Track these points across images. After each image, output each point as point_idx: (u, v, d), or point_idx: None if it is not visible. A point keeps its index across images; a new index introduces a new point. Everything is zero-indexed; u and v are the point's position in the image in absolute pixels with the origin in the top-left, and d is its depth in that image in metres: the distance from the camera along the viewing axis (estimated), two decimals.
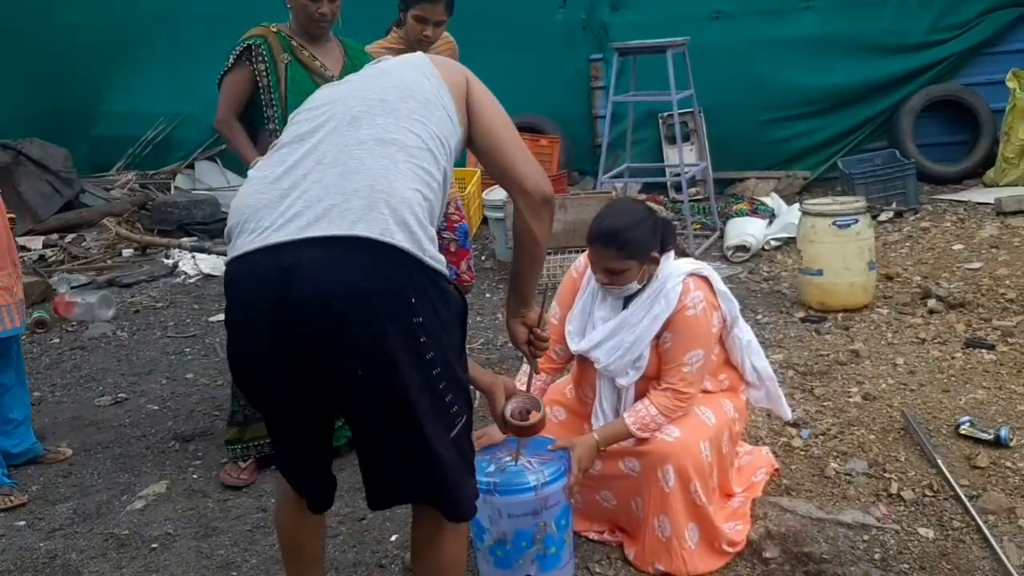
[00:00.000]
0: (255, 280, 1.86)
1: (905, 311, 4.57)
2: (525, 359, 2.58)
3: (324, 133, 1.98)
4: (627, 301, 2.76)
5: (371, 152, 1.94)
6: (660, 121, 7.48)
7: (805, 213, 4.77)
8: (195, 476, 3.50)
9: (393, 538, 3.00)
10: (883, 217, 6.16)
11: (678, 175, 6.67)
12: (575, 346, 2.81)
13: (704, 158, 6.98)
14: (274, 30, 3.31)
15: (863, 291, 4.67)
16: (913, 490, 2.96)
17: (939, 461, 3.05)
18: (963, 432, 3.23)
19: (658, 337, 2.71)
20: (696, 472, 2.66)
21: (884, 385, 3.72)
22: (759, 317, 4.71)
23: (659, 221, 2.76)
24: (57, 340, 5.23)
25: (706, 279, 2.74)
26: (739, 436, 2.98)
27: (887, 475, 3.07)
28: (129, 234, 6.97)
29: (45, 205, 7.56)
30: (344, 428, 3.44)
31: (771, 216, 6.35)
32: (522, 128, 7.41)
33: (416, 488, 2.03)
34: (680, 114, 7.04)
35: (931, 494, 2.94)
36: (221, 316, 5.37)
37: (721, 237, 6.16)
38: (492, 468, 2.60)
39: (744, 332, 2.91)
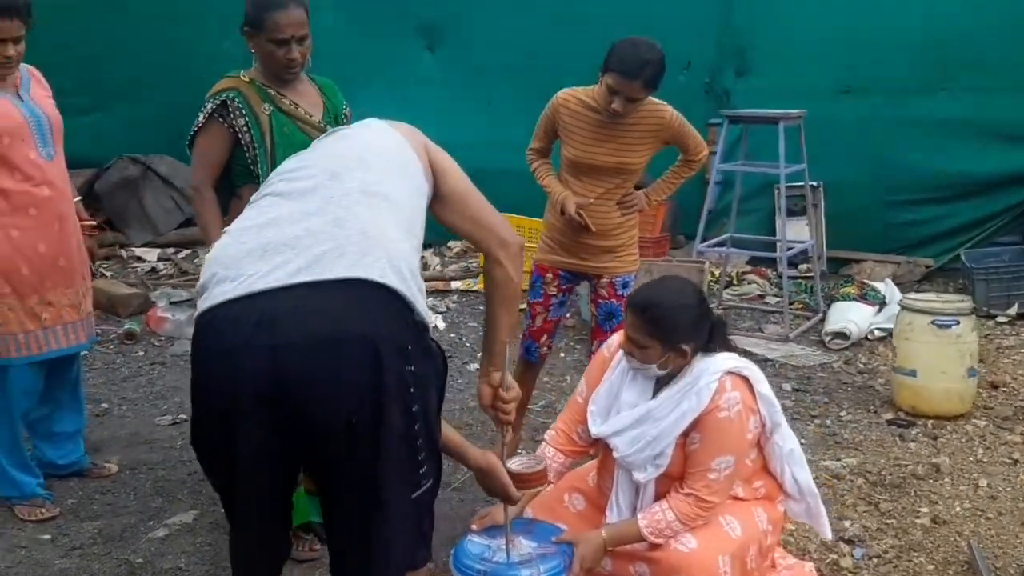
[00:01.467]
0: (236, 327, 1.79)
1: (1004, 425, 4.17)
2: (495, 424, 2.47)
3: (306, 187, 1.95)
4: (657, 388, 2.59)
5: (358, 203, 1.93)
6: (776, 192, 7.19)
7: (904, 308, 4.44)
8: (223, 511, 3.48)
9: None
10: (1001, 318, 5.70)
11: (789, 249, 6.42)
12: (596, 429, 2.65)
13: (814, 234, 6.65)
14: (246, 79, 2.97)
15: (959, 399, 4.29)
16: None
17: None
18: None
19: (686, 435, 2.52)
20: None
21: (958, 508, 3.38)
22: (842, 414, 4.40)
23: (707, 315, 2.58)
24: (142, 353, 5.39)
25: (746, 379, 2.54)
26: (771, 549, 2.73)
27: None
28: None
29: (166, 219, 7.89)
30: None
31: (881, 303, 5.97)
32: None
33: (350, 540, 1.93)
34: (797, 187, 6.80)
35: None
36: None
37: (823, 320, 5.83)
38: (487, 555, 2.46)
39: (787, 440, 2.68)
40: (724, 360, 2.54)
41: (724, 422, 2.47)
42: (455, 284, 6.75)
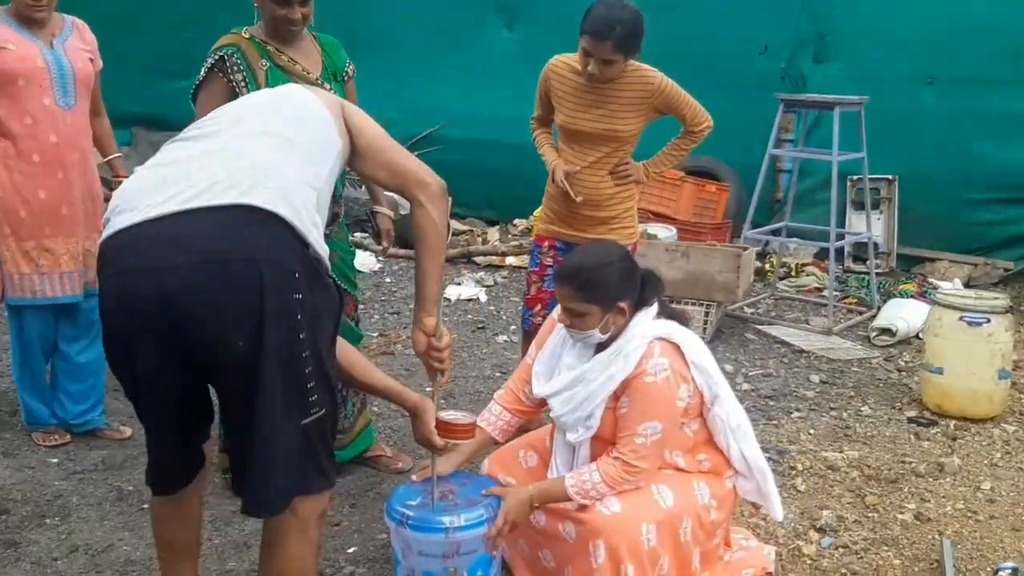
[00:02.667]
0: (131, 253, 1.88)
1: None
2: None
3: (210, 131, 2.04)
4: (597, 351, 2.58)
5: (256, 141, 2.02)
6: (849, 184, 6.96)
7: (935, 302, 4.26)
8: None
9: (351, 550, 2.98)
10: None
11: (863, 242, 6.22)
12: (538, 389, 2.67)
13: (884, 229, 6.42)
14: (246, 36, 3.05)
15: (988, 400, 4.09)
16: None
17: None
18: None
19: (617, 399, 2.51)
20: (631, 555, 2.43)
21: (949, 508, 3.24)
22: (864, 408, 4.25)
23: (633, 269, 2.57)
24: None
25: (677, 346, 2.51)
26: (717, 526, 2.68)
27: None
28: None
29: None
30: (353, 445, 3.48)
31: None
32: (694, 172, 7.19)
33: (238, 457, 2.01)
34: (874, 180, 6.56)
35: None
36: None
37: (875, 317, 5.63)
38: (416, 501, 2.52)
39: (732, 414, 2.63)
40: (656, 326, 2.52)
41: (651, 387, 2.45)
42: (510, 260, 6.80)
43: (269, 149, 2.00)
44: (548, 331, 2.75)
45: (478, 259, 6.83)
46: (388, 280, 6.35)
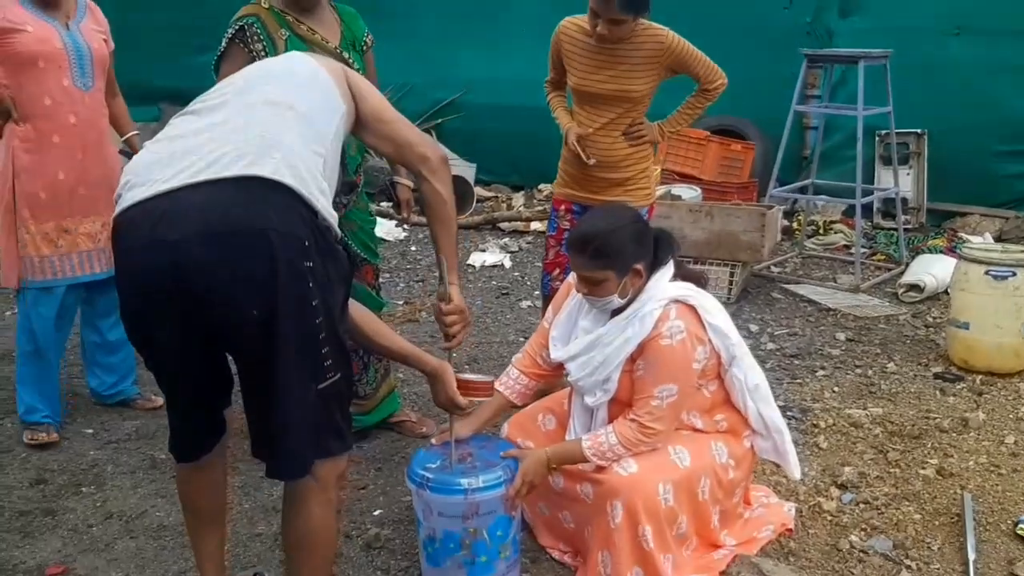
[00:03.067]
0: (144, 227, 1.91)
1: None
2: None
3: (215, 103, 2.06)
4: (614, 315, 2.60)
5: (260, 111, 2.04)
6: (877, 139, 6.86)
7: (961, 257, 4.22)
8: None
9: (377, 512, 3.04)
10: None
11: (892, 198, 6.16)
12: (555, 354, 2.69)
13: (897, 183, 6.34)
14: (266, 6, 3.07)
15: (1015, 355, 4.06)
16: None
17: (971, 557, 2.62)
18: (1020, 532, 2.75)
19: (633, 362, 2.53)
20: (648, 514, 2.46)
21: (972, 463, 3.24)
22: (889, 365, 4.24)
23: (645, 230, 2.57)
24: None
25: (693, 307, 2.51)
26: (736, 484, 2.70)
27: (907, 561, 2.68)
28: None
29: None
30: (377, 411, 3.54)
31: None
32: (720, 131, 7.12)
33: (260, 433, 2.05)
34: (902, 135, 6.47)
35: None
36: None
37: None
38: (436, 464, 2.57)
39: (749, 374, 2.64)
40: (672, 288, 2.53)
41: (666, 350, 2.46)
42: (534, 225, 6.80)
43: (274, 118, 2.02)
44: (564, 295, 2.77)
45: (503, 225, 6.85)
46: (413, 249, 6.39)
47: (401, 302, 5.24)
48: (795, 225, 6.53)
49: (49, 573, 2.74)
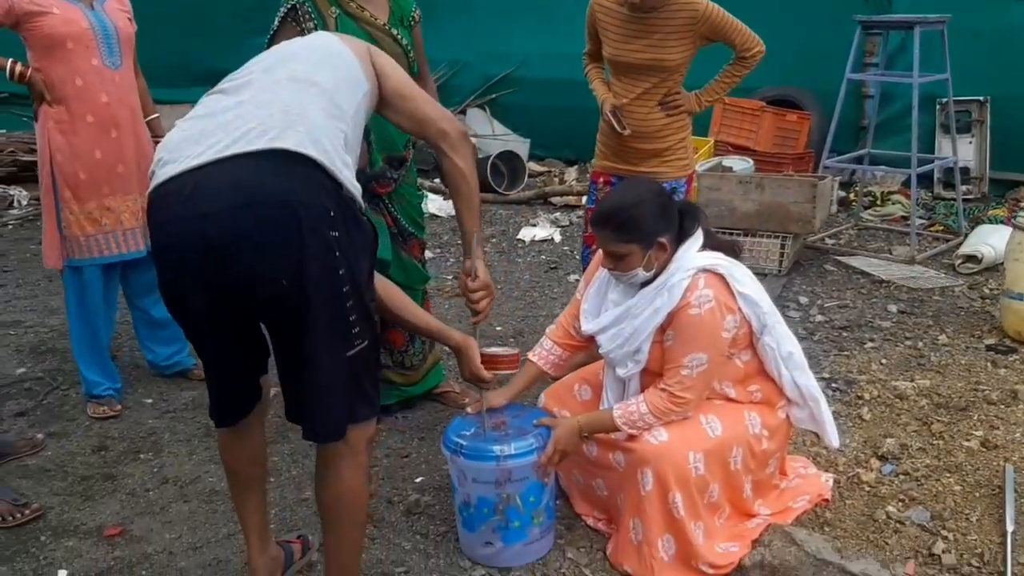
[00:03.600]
0: (175, 202, 1.98)
1: None
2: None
3: (242, 82, 2.13)
4: (642, 287, 2.62)
5: (284, 87, 2.09)
6: (938, 107, 6.70)
7: (1016, 226, 4.12)
8: None
9: (418, 479, 3.12)
10: None
11: (951, 168, 6.01)
12: (586, 326, 2.72)
13: (955, 152, 6.17)
14: None
15: None
16: (961, 555, 2.56)
17: (1009, 529, 2.60)
18: None
19: (663, 332, 2.55)
20: (678, 482, 2.49)
21: (1018, 435, 3.19)
22: (941, 337, 4.17)
23: (669, 203, 2.58)
24: None
25: (721, 276, 2.52)
26: (770, 455, 2.71)
27: (943, 532, 2.67)
28: None
29: None
30: (423, 382, 3.61)
31: None
32: (776, 101, 7.02)
33: (293, 399, 2.12)
34: (964, 102, 6.32)
35: (977, 565, 2.52)
36: None
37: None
38: (470, 431, 2.63)
39: (783, 342, 2.63)
40: (700, 257, 2.53)
41: (695, 319, 2.47)
42: (586, 199, 6.80)
43: (298, 94, 2.08)
44: (595, 268, 2.79)
45: (554, 200, 6.87)
46: None
47: (451, 277, 5.31)
48: (852, 196, 6.43)
49: (107, 533, 2.88)
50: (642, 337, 2.55)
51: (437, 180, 7.49)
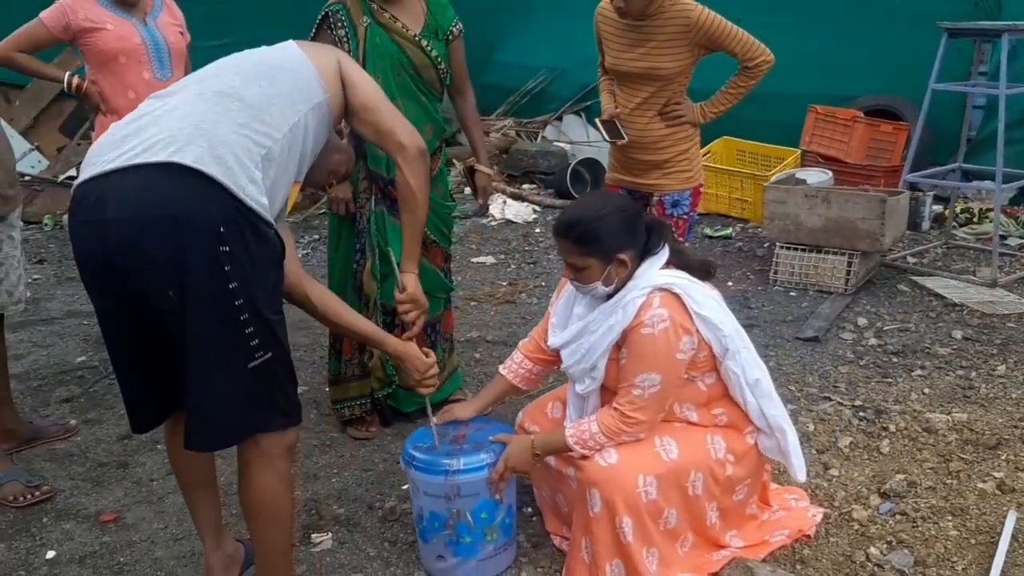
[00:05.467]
0: (83, 207, 2.07)
1: None
2: None
3: (175, 88, 2.19)
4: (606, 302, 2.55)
5: (207, 101, 2.12)
6: None
7: None
8: (328, 389, 3.91)
9: (405, 486, 3.13)
10: None
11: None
12: (551, 340, 2.68)
13: None
14: None
15: None
16: None
17: None
18: None
19: (619, 350, 2.48)
20: (627, 507, 2.41)
21: None
22: (1000, 368, 3.87)
23: (634, 218, 2.49)
24: None
25: (678, 296, 2.42)
26: (736, 482, 2.58)
27: None
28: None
29: None
30: (441, 390, 3.62)
31: None
32: (875, 111, 6.67)
33: (185, 398, 2.14)
34: None
35: None
36: (483, 258, 5.79)
37: None
38: (428, 444, 2.63)
39: (748, 369, 2.51)
40: (658, 276, 2.44)
41: (647, 339, 2.39)
42: None
43: (216, 108, 2.11)
44: (566, 280, 2.74)
45: None
46: (538, 231, 6.44)
47: (505, 283, 5.31)
48: (947, 212, 6.04)
49: (102, 519, 3.04)
50: (597, 354, 2.49)
51: (523, 187, 7.53)
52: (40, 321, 5.02)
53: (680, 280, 2.45)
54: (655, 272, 2.47)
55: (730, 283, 5.18)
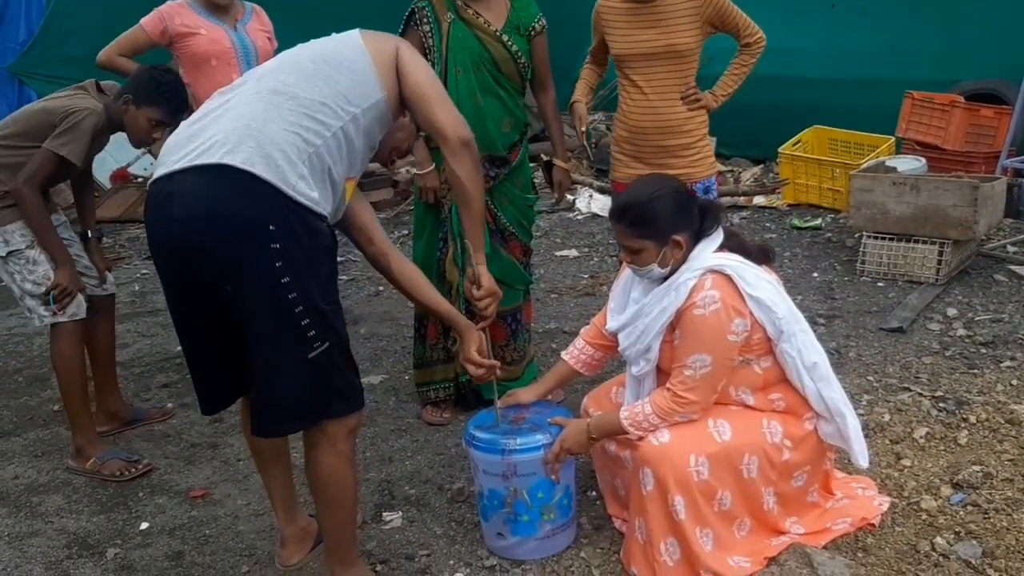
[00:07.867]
0: (154, 205, 2.23)
1: None
2: None
3: (239, 84, 2.31)
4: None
5: (261, 100, 2.23)
6: None
7: None
8: (407, 377, 4.05)
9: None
10: None
11: None
12: (609, 324, 2.72)
13: None
14: None
15: None
16: None
17: None
18: None
19: (673, 331, 2.50)
20: (678, 485, 2.43)
21: None
22: None
23: (688, 201, 2.52)
24: None
25: (729, 278, 2.42)
26: (794, 467, 2.57)
27: (989, 571, 2.42)
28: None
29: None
30: (523, 376, 3.69)
31: None
32: (977, 96, 6.43)
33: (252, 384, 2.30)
34: None
35: None
36: (567, 252, 5.85)
37: None
38: (489, 425, 2.71)
39: (807, 352, 2.50)
40: (711, 258, 2.46)
41: (699, 320, 2.40)
42: (757, 200, 6.59)
43: (269, 107, 2.20)
44: (626, 266, 2.78)
45: (722, 200, 6.69)
46: None
47: (587, 275, 5.35)
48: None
49: (192, 495, 3.23)
50: (651, 335, 2.52)
51: (606, 181, 7.52)
52: (146, 312, 5.32)
53: (733, 262, 2.46)
54: (709, 254, 2.49)
55: (815, 274, 5.09)
